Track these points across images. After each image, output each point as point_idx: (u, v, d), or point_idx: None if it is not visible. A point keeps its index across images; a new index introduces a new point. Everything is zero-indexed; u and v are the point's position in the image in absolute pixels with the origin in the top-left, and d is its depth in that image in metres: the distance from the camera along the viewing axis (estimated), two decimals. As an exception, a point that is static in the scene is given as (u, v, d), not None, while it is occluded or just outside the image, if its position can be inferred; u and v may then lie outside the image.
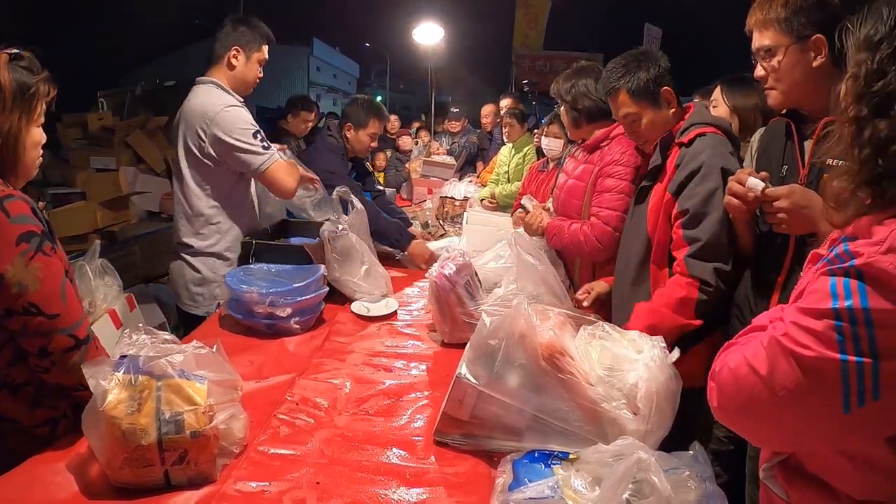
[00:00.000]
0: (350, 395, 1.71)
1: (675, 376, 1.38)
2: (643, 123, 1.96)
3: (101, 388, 1.19)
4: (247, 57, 2.45)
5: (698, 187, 1.76)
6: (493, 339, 1.41)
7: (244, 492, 1.27)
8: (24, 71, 1.29)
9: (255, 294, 2.02)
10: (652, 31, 10.20)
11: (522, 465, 1.27)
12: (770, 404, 0.87)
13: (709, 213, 1.74)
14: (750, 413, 0.92)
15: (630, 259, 2.06)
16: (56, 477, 1.26)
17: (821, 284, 0.84)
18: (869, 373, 0.78)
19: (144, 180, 5.69)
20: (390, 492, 1.29)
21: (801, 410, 0.86)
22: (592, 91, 2.39)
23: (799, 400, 0.84)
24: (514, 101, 5.45)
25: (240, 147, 2.33)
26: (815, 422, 0.86)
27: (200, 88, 2.43)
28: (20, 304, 1.25)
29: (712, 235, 1.73)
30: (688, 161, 1.81)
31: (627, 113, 1.96)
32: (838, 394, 0.80)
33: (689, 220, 1.78)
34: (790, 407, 0.86)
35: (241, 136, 2.33)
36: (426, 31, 7.85)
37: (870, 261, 0.78)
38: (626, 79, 1.93)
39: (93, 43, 9.86)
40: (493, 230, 3.11)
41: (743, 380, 0.90)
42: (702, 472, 1.19)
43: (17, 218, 1.25)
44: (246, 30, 2.45)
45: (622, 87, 1.94)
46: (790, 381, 0.84)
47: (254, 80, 2.52)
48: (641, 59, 1.93)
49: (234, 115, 2.34)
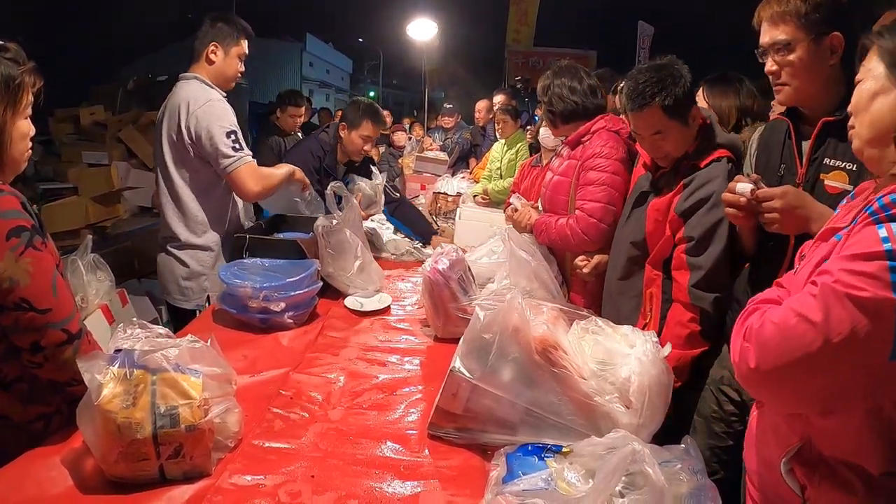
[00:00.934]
0: (344, 390, 1.72)
1: (667, 371, 1.40)
2: (670, 141, 1.86)
3: (95, 382, 1.19)
4: (225, 52, 2.49)
5: (705, 217, 1.78)
6: (486, 333, 1.42)
7: (239, 485, 1.27)
8: (8, 62, 1.28)
9: (248, 288, 2.02)
10: (645, 29, 10.22)
11: (516, 459, 1.28)
12: (824, 353, 0.88)
13: (713, 242, 1.78)
14: (797, 366, 0.93)
15: (622, 255, 2.11)
16: (50, 472, 1.25)
17: (868, 233, 0.87)
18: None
19: (137, 176, 5.66)
20: (385, 485, 1.30)
21: (854, 357, 0.88)
22: (567, 93, 2.42)
23: (854, 345, 0.86)
24: (507, 97, 5.45)
25: (213, 144, 2.35)
26: (858, 372, 0.88)
27: (184, 84, 2.46)
28: (11, 299, 1.25)
29: (714, 264, 1.77)
30: (699, 186, 1.81)
31: (658, 130, 1.85)
32: (890, 337, 0.83)
33: (694, 248, 1.81)
34: (845, 353, 0.88)
35: (215, 134, 2.35)
36: (420, 27, 7.84)
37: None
38: (661, 95, 1.79)
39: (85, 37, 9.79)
40: (485, 226, 3.12)
41: (792, 330, 0.92)
42: (693, 466, 1.20)
43: (7, 213, 1.25)
44: (223, 25, 2.49)
45: (655, 103, 1.80)
46: (846, 326, 0.86)
47: (234, 75, 2.55)
48: (675, 74, 1.81)
49: (214, 112, 2.37)
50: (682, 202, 1.84)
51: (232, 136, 2.38)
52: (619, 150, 2.29)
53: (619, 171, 2.27)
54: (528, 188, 3.05)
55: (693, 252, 1.82)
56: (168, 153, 2.45)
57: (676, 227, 1.87)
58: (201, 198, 2.49)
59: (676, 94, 1.79)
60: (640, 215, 2.03)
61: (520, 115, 4.73)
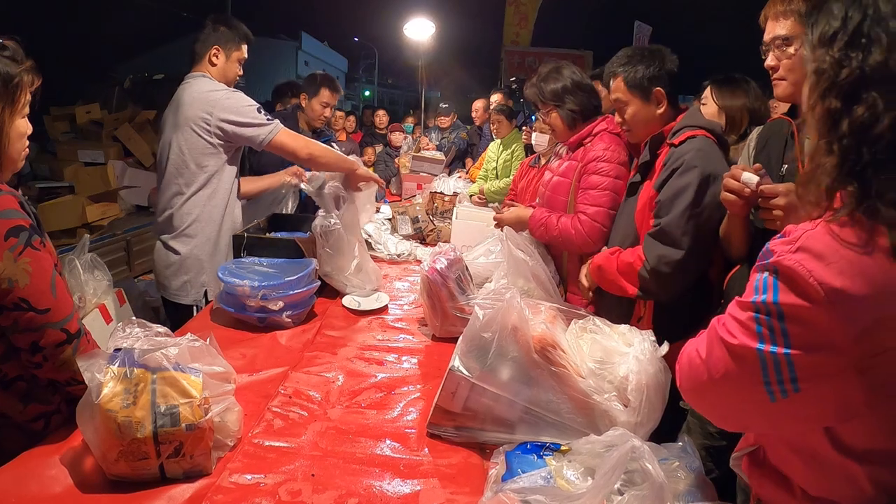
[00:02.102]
0: (343, 388, 1.72)
1: (664, 369, 1.40)
2: (628, 112, 2.06)
3: (96, 381, 1.19)
4: (226, 56, 2.59)
5: (675, 181, 1.84)
6: (486, 332, 1.42)
7: (240, 484, 1.27)
8: (7, 60, 1.28)
9: (247, 288, 2.02)
10: (642, 29, 10.22)
11: (515, 457, 1.29)
12: (709, 386, 0.94)
13: (675, 202, 1.82)
14: (697, 395, 0.99)
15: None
16: (50, 471, 1.25)
17: (751, 279, 0.90)
18: (784, 364, 0.83)
19: (133, 174, 5.65)
20: (385, 483, 1.30)
21: (732, 395, 0.92)
22: (587, 89, 2.44)
23: (729, 384, 0.91)
24: (503, 96, 5.45)
25: (248, 123, 2.47)
26: (748, 407, 0.92)
27: (195, 80, 2.53)
28: (10, 299, 1.25)
29: (671, 221, 1.82)
30: (674, 161, 1.87)
31: (618, 98, 2.07)
32: (760, 382, 0.85)
33: (659, 209, 1.88)
34: (724, 390, 0.92)
35: (247, 113, 2.48)
36: (417, 26, 7.83)
37: (780, 259, 0.84)
38: (625, 68, 2.02)
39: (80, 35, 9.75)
40: (482, 225, 3.12)
41: (691, 362, 0.98)
42: (690, 463, 1.21)
43: (5, 212, 1.25)
44: (226, 30, 2.58)
45: (620, 73, 2.04)
46: (721, 366, 0.90)
47: (234, 78, 2.65)
48: (647, 56, 2.01)
49: (237, 97, 2.50)
50: (659, 179, 1.91)
51: (261, 111, 2.50)
52: (621, 154, 2.30)
53: (621, 174, 2.28)
54: (525, 188, 3.05)
55: (658, 213, 1.88)
56: (174, 147, 2.49)
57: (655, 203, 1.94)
58: (202, 194, 2.52)
59: (638, 71, 2.00)
60: (631, 206, 2.07)
61: (515, 115, 4.73)
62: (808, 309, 0.80)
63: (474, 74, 17.28)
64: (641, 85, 2.00)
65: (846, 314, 0.78)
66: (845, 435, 0.89)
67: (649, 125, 2.04)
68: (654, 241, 1.86)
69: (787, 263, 0.83)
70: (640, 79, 2.00)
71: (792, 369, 0.83)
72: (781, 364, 0.83)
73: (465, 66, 17.73)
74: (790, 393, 0.83)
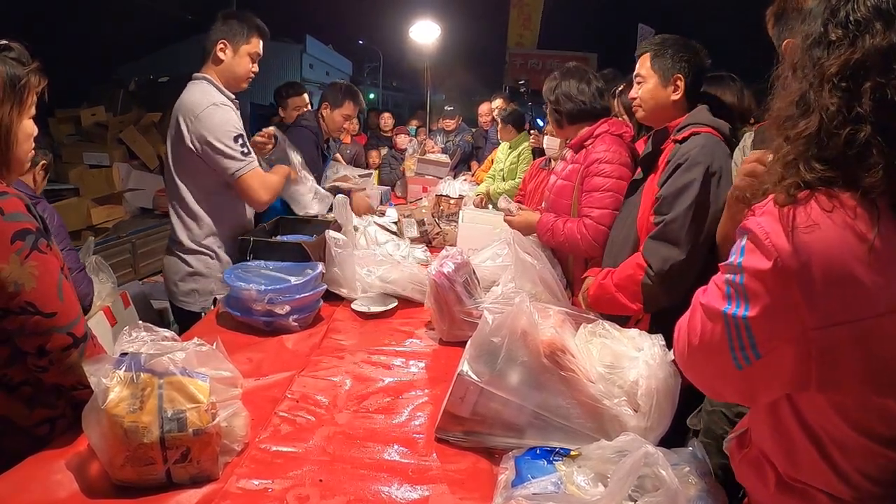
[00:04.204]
0: (350, 393, 1.71)
1: (674, 374, 1.39)
2: (644, 88, 2.07)
3: (102, 385, 1.18)
4: (234, 50, 2.43)
5: (678, 178, 1.84)
6: (495, 337, 1.41)
7: (247, 490, 1.26)
8: (13, 62, 1.27)
9: (253, 291, 2.01)
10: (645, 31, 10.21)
11: (525, 462, 1.27)
12: (691, 353, 0.97)
13: (679, 198, 1.82)
14: (684, 363, 1.02)
15: (615, 249, 2.14)
16: (56, 476, 1.25)
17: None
18: (744, 328, 0.86)
19: (138, 177, 5.66)
20: (393, 489, 1.29)
21: (709, 361, 0.94)
22: (575, 93, 2.44)
23: (704, 351, 0.93)
24: (504, 100, 5.45)
25: (219, 149, 2.32)
26: (723, 375, 0.94)
27: (193, 85, 2.43)
28: (16, 303, 1.24)
29: (676, 217, 1.81)
30: (678, 157, 1.87)
31: (639, 73, 2.09)
32: (727, 349, 0.88)
33: (661, 205, 1.87)
34: (702, 356, 0.95)
35: (222, 138, 2.32)
36: (423, 29, 7.83)
37: (746, 222, 0.88)
38: (656, 49, 2.05)
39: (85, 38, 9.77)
40: (488, 228, 3.11)
41: (679, 329, 1.01)
42: (700, 469, 1.20)
43: (12, 215, 1.24)
44: (234, 23, 2.42)
45: (649, 51, 2.07)
46: (699, 330, 0.93)
47: (245, 75, 2.49)
48: (681, 45, 2.03)
49: (219, 115, 2.33)
50: (663, 176, 1.91)
51: (240, 140, 2.36)
52: (623, 155, 2.30)
53: (623, 175, 2.28)
54: (534, 190, 3.05)
55: (660, 210, 1.88)
56: (174, 157, 2.43)
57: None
58: (207, 201, 2.46)
59: (667, 55, 2.02)
60: (632, 204, 2.08)
61: (522, 120, 4.72)
62: (763, 272, 0.83)
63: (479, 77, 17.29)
64: (664, 66, 2.02)
65: (798, 277, 0.80)
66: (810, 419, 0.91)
67: (659, 108, 2.05)
68: (656, 242, 1.85)
69: (749, 226, 0.87)
70: (666, 60, 2.02)
71: (750, 333, 0.85)
72: (741, 328, 0.86)
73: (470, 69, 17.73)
74: (752, 360, 0.86)
